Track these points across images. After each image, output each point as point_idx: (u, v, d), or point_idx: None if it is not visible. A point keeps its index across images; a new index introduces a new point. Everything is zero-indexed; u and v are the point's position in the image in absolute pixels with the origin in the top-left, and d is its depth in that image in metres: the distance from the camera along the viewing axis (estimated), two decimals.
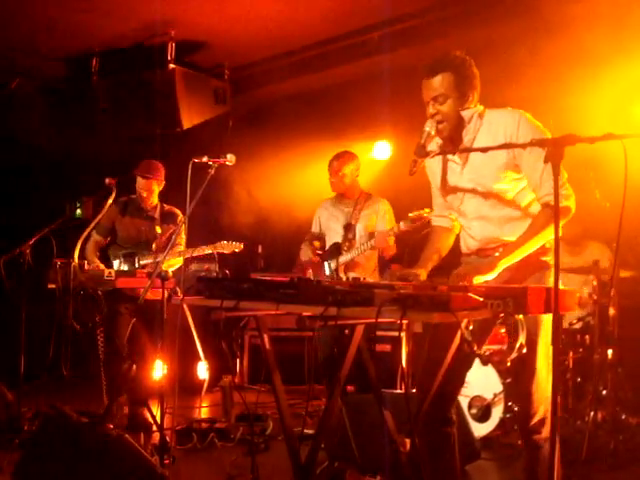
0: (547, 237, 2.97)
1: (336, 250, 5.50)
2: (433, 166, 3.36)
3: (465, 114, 3.12)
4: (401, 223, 5.03)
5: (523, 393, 3.08)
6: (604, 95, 5.29)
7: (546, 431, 3.02)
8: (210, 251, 5.41)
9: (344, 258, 5.40)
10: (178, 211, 5.79)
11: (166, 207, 5.81)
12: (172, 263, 5.48)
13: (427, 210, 4.88)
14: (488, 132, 3.08)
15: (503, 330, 2.69)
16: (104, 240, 5.72)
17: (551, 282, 2.96)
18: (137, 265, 5.57)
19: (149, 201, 5.68)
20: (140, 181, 5.61)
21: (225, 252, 5.47)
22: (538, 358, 3.00)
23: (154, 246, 5.58)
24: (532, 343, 2.92)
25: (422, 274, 3.21)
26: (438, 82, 3.06)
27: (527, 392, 3.04)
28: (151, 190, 5.64)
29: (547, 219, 2.92)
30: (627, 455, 4.52)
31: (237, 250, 5.48)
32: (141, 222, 5.69)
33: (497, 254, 3.06)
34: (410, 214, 4.95)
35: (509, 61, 5.34)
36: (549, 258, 3.07)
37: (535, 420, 3.04)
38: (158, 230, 5.65)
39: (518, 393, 3.18)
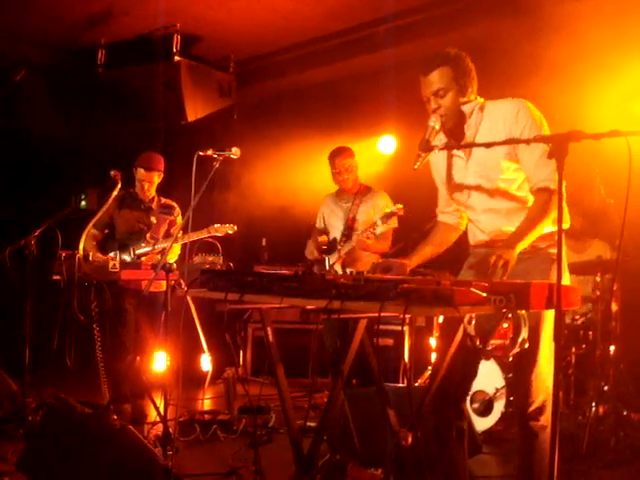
0: (550, 220, 2.97)
1: (334, 246, 5.53)
2: (438, 162, 3.36)
3: (466, 108, 3.12)
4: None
5: (522, 381, 3.08)
6: (609, 92, 5.29)
7: (543, 419, 3.03)
8: (205, 235, 5.42)
9: (339, 253, 5.43)
10: (175, 204, 5.82)
11: (163, 200, 5.84)
12: (171, 256, 5.49)
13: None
14: (489, 125, 3.08)
15: (506, 325, 2.70)
16: (101, 234, 5.70)
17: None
18: (132, 255, 5.58)
19: (149, 193, 5.70)
20: (142, 173, 5.64)
21: (219, 235, 5.47)
22: (540, 350, 3.00)
23: (148, 236, 5.60)
24: (535, 336, 2.92)
25: (408, 265, 3.25)
26: (437, 76, 3.07)
27: (526, 381, 3.04)
28: (152, 182, 5.68)
29: (547, 201, 2.92)
30: (628, 451, 4.53)
31: (231, 232, 5.47)
32: (139, 214, 5.71)
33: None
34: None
35: (514, 57, 5.34)
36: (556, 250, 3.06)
37: (533, 407, 3.05)
38: (153, 220, 5.68)
39: (517, 381, 3.19)
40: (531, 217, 3.00)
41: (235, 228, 5.49)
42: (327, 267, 5.48)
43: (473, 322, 2.77)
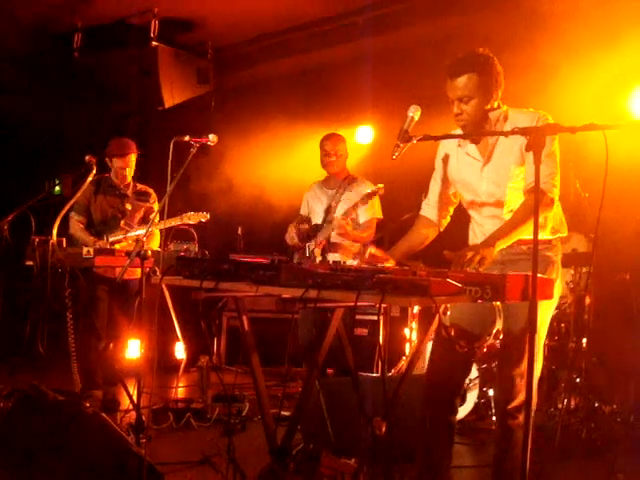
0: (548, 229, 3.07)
1: (314, 232, 5.52)
2: (448, 156, 3.35)
3: (492, 115, 3.13)
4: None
5: (506, 377, 3.09)
6: (589, 85, 5.31)
7: (522, 417, 3.05)
8: (178, 222, 5.36)
9: (317, 238, 5.42)
10: (151, 190, 5.77)
11: (139, 186, 5.78)
12: (152, 245, 5.44)
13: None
14: None
15: None
16: (85, 220, 5.66)
17: (553, 277, 3.03)
18: (106, 242, 5.52)
19: (127, 179, 5.64)
20: (118, 161, 5.56)
21: (191, 222, 5.41)
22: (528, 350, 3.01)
23: (122, 223, 5.54)
24: (523, 332, 2.93)
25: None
26: (462, 83, 3.05)
27: (510, 377, 3.06)
28: (131, 166, 5.60)
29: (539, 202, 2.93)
30: (599, 443, 4.56)
31: (203, 220, 5.41)
32: (114, 200, 5.65)
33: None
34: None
35: (494, 48, 5.34)
36: (552, 254, 3.14)
37: (513, 404, 3.06)
38: (128, 207, 5.62)
39: (500, 376, 3.20)
40: (517, 217, 3.02)
41: (207, 216, 5.43)
42: (307, 254, 5.46)
43: (448, 313, 2.79)
